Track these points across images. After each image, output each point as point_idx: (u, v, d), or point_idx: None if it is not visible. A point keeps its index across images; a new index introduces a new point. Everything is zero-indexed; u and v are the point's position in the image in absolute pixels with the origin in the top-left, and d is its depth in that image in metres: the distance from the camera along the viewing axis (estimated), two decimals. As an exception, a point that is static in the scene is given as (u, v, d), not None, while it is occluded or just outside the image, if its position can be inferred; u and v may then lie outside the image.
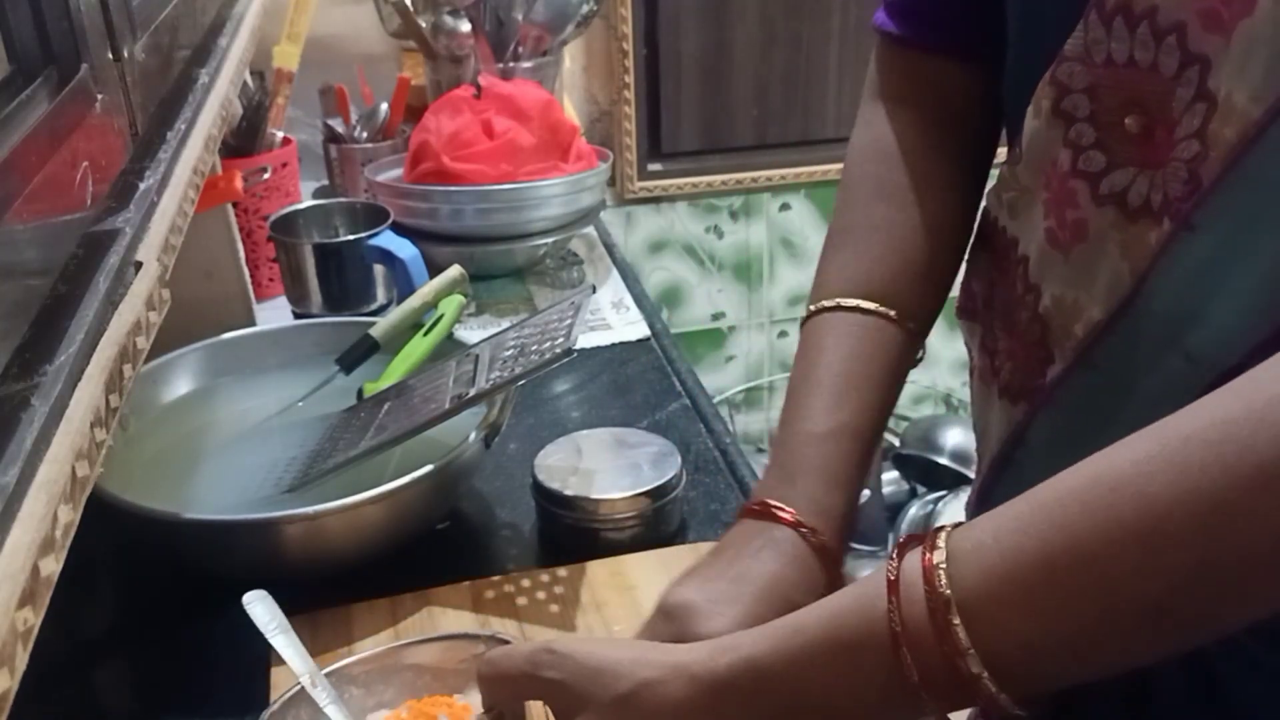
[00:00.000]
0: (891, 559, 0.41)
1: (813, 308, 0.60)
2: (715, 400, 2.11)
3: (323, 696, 0.58)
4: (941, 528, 0.41)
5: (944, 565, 0.39)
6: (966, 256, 0.62)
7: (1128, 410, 0.49)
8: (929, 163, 0.61)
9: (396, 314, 0.96)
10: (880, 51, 0.64)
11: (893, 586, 0.40)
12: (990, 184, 0.56)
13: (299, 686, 0.58)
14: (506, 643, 0.58)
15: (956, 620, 0.38)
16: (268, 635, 0.62)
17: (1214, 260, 0.45)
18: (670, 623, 0.51)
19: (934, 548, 0.40)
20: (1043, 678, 0.39)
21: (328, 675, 0.60)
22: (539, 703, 0.49)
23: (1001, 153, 0.59)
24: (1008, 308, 0.55)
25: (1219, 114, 0.43)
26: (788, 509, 0.54)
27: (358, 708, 0.60)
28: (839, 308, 0.59)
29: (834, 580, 0.54)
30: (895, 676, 0.39)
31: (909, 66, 0.63)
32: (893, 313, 0.58)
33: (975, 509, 0.61)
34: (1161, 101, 0.45)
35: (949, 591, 0.38)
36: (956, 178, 0.62)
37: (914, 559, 0.40)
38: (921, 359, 0.62)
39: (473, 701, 0.59)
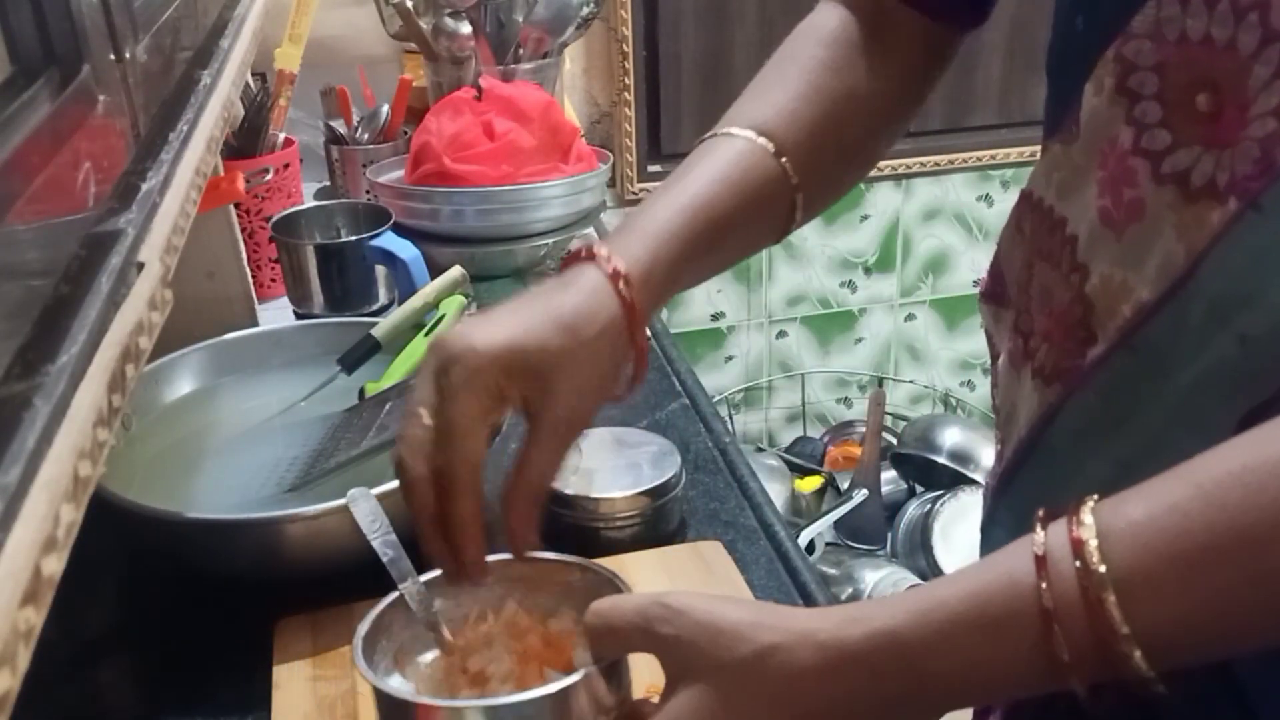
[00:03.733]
0: (1036, 532, 0.40)
1: (705, 136, 0.62)
2: (714, 400, 2.11)
3: (419, 607, 0.57)
4: (1081, 501, 0.40)
5: (1095, 541, 0.38)
6: (998, 241, 0.62)
7: (1165, 394, 0.49)
8: (858, 54, 0.63)
9: (398, 314, 0.96)
10: None
11: (1041, 562, 0.39)
12: (1039, 164, 0.56)
13: (397, 594, 0.58)
14: (609, 580, 0.56)
15: (1112, 599, 0.37)
16: (370, 537, 0.62)
17: (1277, 243, 0.44)
18: (432, 349, 0.53)
19: (1080, 523, 0.39)
20: (1191, 656, 0.38)
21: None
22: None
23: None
24: (1048, 288, 0.55)
25: None
26: (597, 248, 0.55)
27: (445, 617, 0.59)
28: (728, 134, 0.61)
29: (627, 326, 0.55)
30: (1041, 654, 0.38)
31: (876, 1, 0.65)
32: (771, 147, 0.60)
33: (997, 495, 0.61)
34: (1236, 80, 0.45)
35: (1103, 569, 0.38)
36: (879, 86, 0.64)
37: (1059, 534, 0.39)
38: (797, 226, 0.63)
39: (563, 627, 0.58)
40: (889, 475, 2.04)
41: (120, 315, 0.41)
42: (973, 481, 1.93)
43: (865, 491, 1.93)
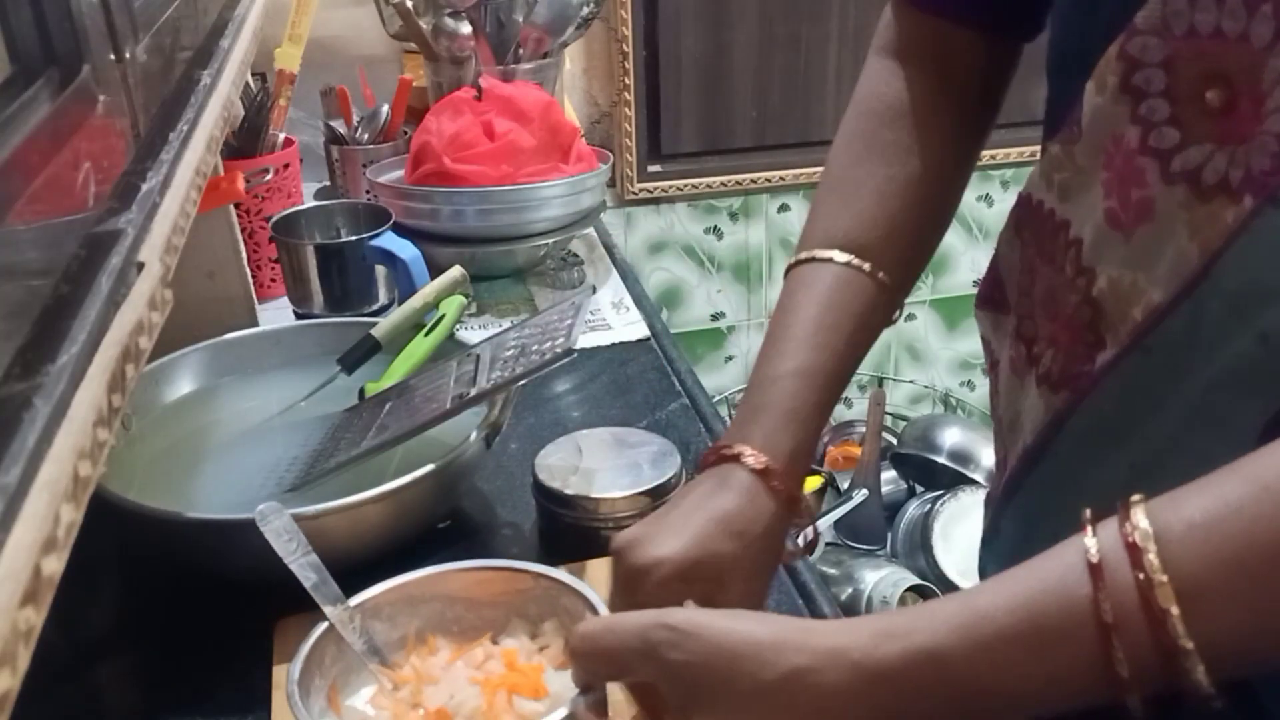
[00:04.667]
0: (1085, 534, 0.37)
1: (792, 260, 0.62)
2: (715, 400, 2.11)
3: (355, 637, 0.53)
4: (1129, 501, 0.37)
5: (1154, 547, 0.36)
6: (996, 246, 0.61)
7: (1181, 395, 0.47)
8: (925, 122, 0.61)
9: (398, 314, 0.96)
10: (895, 7, 0.64)
11: (1096, 571, 0.36)
12: (1037, 166, 0.55)
13: (326, 625, 0.54)
14: (567, 587, 0.53)
15: (1176, 611, 0.35)
16: (287, 560, 0.56)
17: None
18: (619, 562, 0.51)
19: (1134, 525, 0.36)
20: (1252, 667, 0.36)
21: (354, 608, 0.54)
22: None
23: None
24: (1052, 293, 0.54)
25: None
26: (739, 446, 0.54)
27: (381, 642, 0.55)
28: (813, 259, 0.60)
29: (787, 513, 0.54)
30: (1097, 668, 0.36)
31: (921, 28, 0.62)
32: (866, 265, 0.59)
33: (1001, 505, 0.59)
34: (1250, 73, 0.44)
35: (1165, 579, 0.35)
36: (950, 142, 0.62)
37: (1112, 537, 0.37)
38: (898, 318, 0.63)
39: (516, 644, 0.54)
40: (889, 475, 2.04)
41: (120, 315, 0.41)
42: (973, 481, 1.93)
43: (865, 491, 1.93)
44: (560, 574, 0.55)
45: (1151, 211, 0.48)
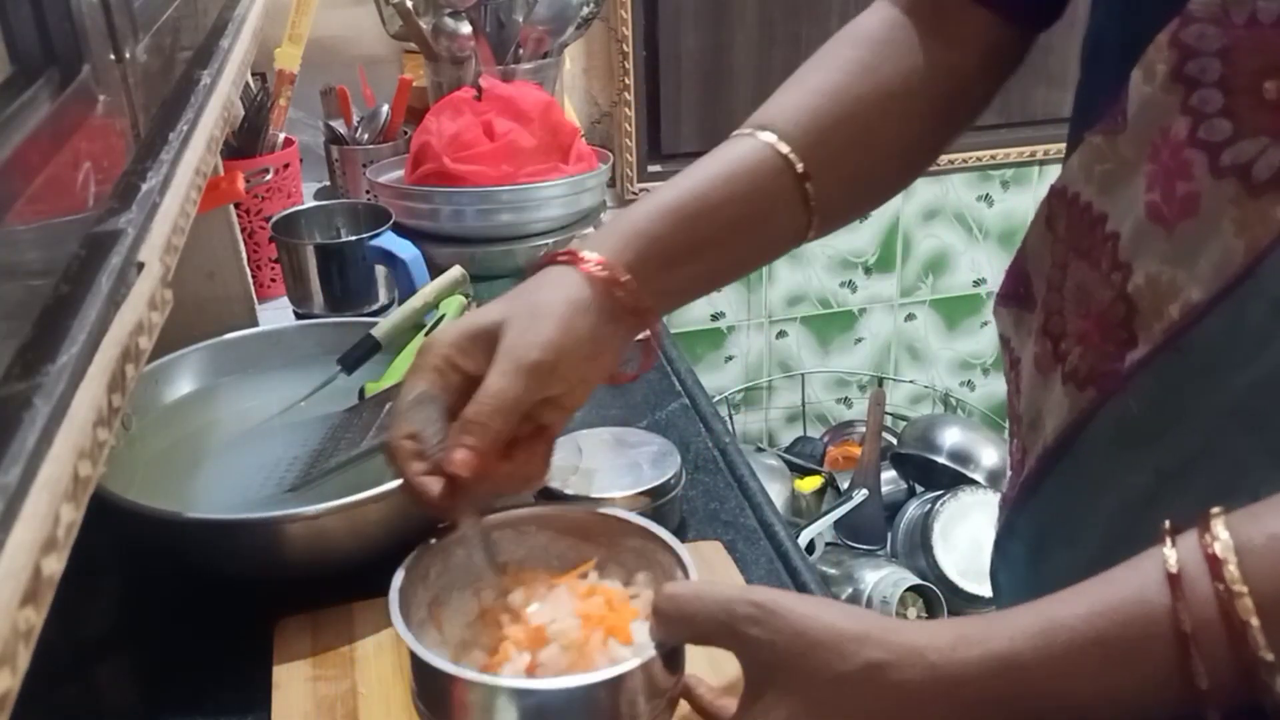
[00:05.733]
0: (1164, 545, 0.37)
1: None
2: (714, 400, 2.11)
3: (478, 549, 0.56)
4: (1209, 513, 0.37)
5: (1235, 559, 0.35)
6: (1024, 240, 0.59)
7: (1216, 399, 0.46)
8: (896, 55, 0.61)
9: (398, 314, 0.96)
10: None
11: (1175, 581, 0.36)
12: (1075, 157, 0.53)
13: (432, 540, 0.56)
14: (670, 550, 0.54)
15: (1255, 623, 0.34)
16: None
17: None
18: (479, 339, 0.53)
19: (1214, 537, 0.36)
20: None
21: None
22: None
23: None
24: (1085, 288, 0.52)
25: None
26: (585, 254, 0.55)
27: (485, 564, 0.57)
28: (736, 135, 0.60)
29: (624, 319, 0.55)
30: (1175, 679, 0.36)
31: None
32: (784, 148, 0.58)
33: (1017, 506, 0.58)
34: None
35: (1245, 590, 0.35)
36: (922, 96, 0.61)
37: (1192, 549, 0.37)
38: (812, 234, 0.61)
39: (612, 586, 0.55)
40: (889, 475, 2.04)
41: (120, 315, 0.41)
42: (973, 481, 1.93)
43: (865, 491, 1.93)
44: (664, 533, 0.56)
45: (1197, 206, 0.46)
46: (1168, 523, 0.38)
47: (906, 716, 0.39)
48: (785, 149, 0.58)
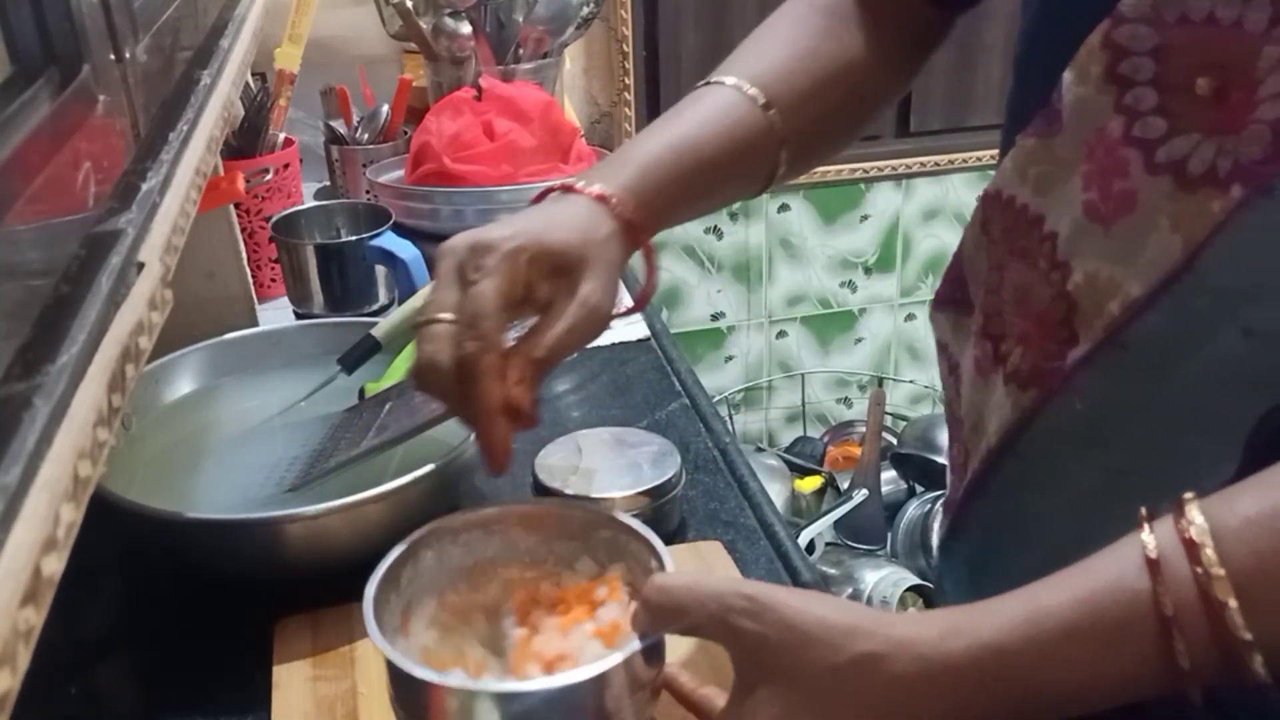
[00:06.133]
0: (1142, 531, 0.38)
1: (697, 85, 0.63)
2: (714, 400, 2.11)
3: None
4: (1183, 499, 0.38)
5: (1209, 542, 0.36)
6: (959, 245, 0.60)
7: (1162, 395, 0.47)
8: (852, 25, 0.63)
9: (398, 314, 0.96)
10: None
11: (1154, 566, 0.37)
12: (1009, 160, 0.54)
13: (405, 546, 0.56)
14: (643, 541, 0.54)
15: (1234, 604, 0.35)
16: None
17: None
18: (459, 245, 0.52)
19: (1189, 521, 0.37)
20: None
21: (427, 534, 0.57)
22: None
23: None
24: (1024, 289, 0.53)
25: None
26: (577, 184, 0.55)
27: (455, 566, 0.57)
28: (713, 83, 0.61)
29: (626, 239, 0.55)
30: (1158, 661, 0.37)
31: None
32: (760, 98, 0.60)
33: (961, 510, 0.59)
34: (1244, 61, 0.43)
35: (1221, 571, 0.36)
36: (871, 62, 0.64)
37: (1168, 534, 0.38)
38: (780, 177, 0.63)
39: (585, 578, 0.55)
40: (889, 475, 2.04)
41: (120, 315, 0.41)
42: (973, 481, 1.93)
43: (865, 491, 1.93)
44: (634, 522, 0.56)
45: (1133, 203, 0.47)
46: (1144, 510, 0.39)
47: (898, 707, 0.40)
48: (770, 108, 0.60)
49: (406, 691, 0.50)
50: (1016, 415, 0.53)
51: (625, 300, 0.60)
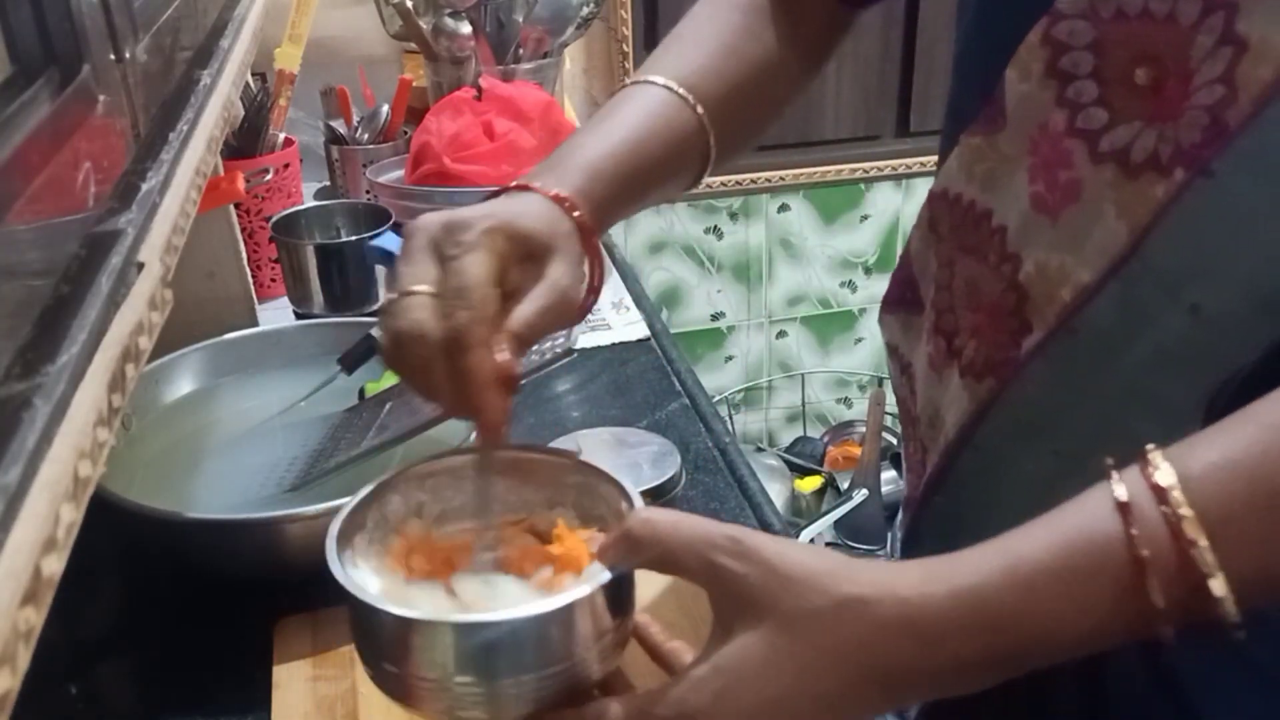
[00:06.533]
0: (1110, 480, 0.39)
1: (624, 83, 0.64)
2: (714, 400, 2.11)
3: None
4: (1145, 450, 0.39)
5: (1177, 484, 0.37)
6: (906, 246, 0.62)
7: (1112, 377, 0.48)
8: (772, 25, 0.65)
9: (397, 314, 0.96)
10: None
11: (1125, 509, 0.38)
12: (954, 160, 0.55)
13: (370, 488, 0.54)
14: (614, 484, 0.53)
15: (1203, 542, 0.36)
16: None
17: (1234, 207, 0.44)
18: (429, 224, 0.51)
19: (1155, 467, 0.38)
20: (1274, 597, 0.38)
21: (390, 481, 0.55)
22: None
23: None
24: (974, 283, 0.55)
25: (1250, 56, 0.43)
26: (532, 184, 0.55)
27: (426, 513, 0.56)
28: (643, 82, 0.62)
29: (584, 239, 0.54)
30: (1132, 602, 0.38)
31: None
32: (688, 96, 0.61)
33: (921, 507, 0.59)
34: (1178, 51, 0.45)
35: (1190, 512, 0.37)
36: (787, 59, 0.66)
37: (1136, 480, 0.38)
38: (708, 173, 0.64)
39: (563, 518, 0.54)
40: (889, 475, 2.04)
41: (120, 315, 0.41)
42: (973, 481, 1.93)
43: (865, 491, 1.93)
44: (604, 467, 0.55)
45: (1079, 192, 0.48)
46: (1109, 460, 0.40)
47: (877, 647, 0.40)
48: (700, 110, 0.61)
49: (365, 626, 0.48)
50: (974, 406, 0.54)
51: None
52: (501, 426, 0.51)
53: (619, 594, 0.48)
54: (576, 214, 0.54)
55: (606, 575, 0.46)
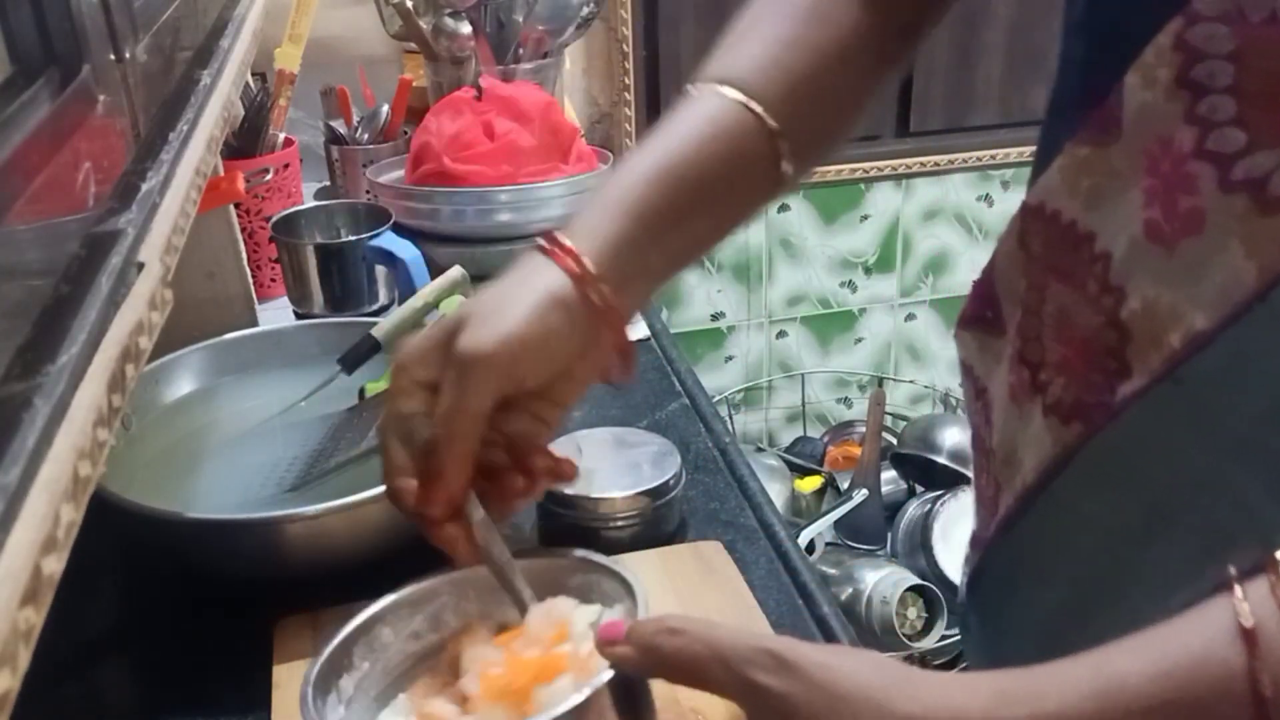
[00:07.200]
0: (1231, 594, 0.34)
1: (685, 88, 0.57)
2: (714, 400, 2.11)
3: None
4: (1275, 558, 0.34)
5: None
6: (991, 261, 0.55)
7: (1216, 431, 0.43)
8: (846, 6, 0.57)
9: (398, 314, 0.96)
10: None
11: (1250, 637, 0.33)
12: (1055, 170, 0.48)
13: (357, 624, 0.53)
14: (618, 578, 0.51)
15: None
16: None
17: None
18: (443, 329, 0.50)
19: None
20: None
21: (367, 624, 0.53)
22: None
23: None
24: (1067, 313, 0.48)
25: None
26: (559, 235, 0.52)
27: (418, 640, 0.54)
28: (698, 87, 0.56)
29: (601, 321, 0.51)
30: None
31: None
32: (756, 106, 0.54)
33: (993, 547, 0.54)
34: None
35: None
36: (867, 45, 0.58)
37: (1264, 599, 0.33)
38: (787, 173, 0.56)
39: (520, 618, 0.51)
40: (889, 475, 2.04)
41: (120, 315, 0.41)
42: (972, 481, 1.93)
43: (865, 491, 1.93)
44: (608, 560, 0.53)
45: (1201, 223, 0.42)
46: (1232, 569, 0.35)
47: None
48: (757, 107, 0.54)
49: None
50: (1057, 451, 0.49)
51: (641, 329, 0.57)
52: (457, 554, 0.51)
53: (636, 699, 0.45)
54: (593, 295, 0.51)
55: (607, 673, 0.43)
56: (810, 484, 2.06)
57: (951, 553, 1.82)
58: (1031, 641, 0.52)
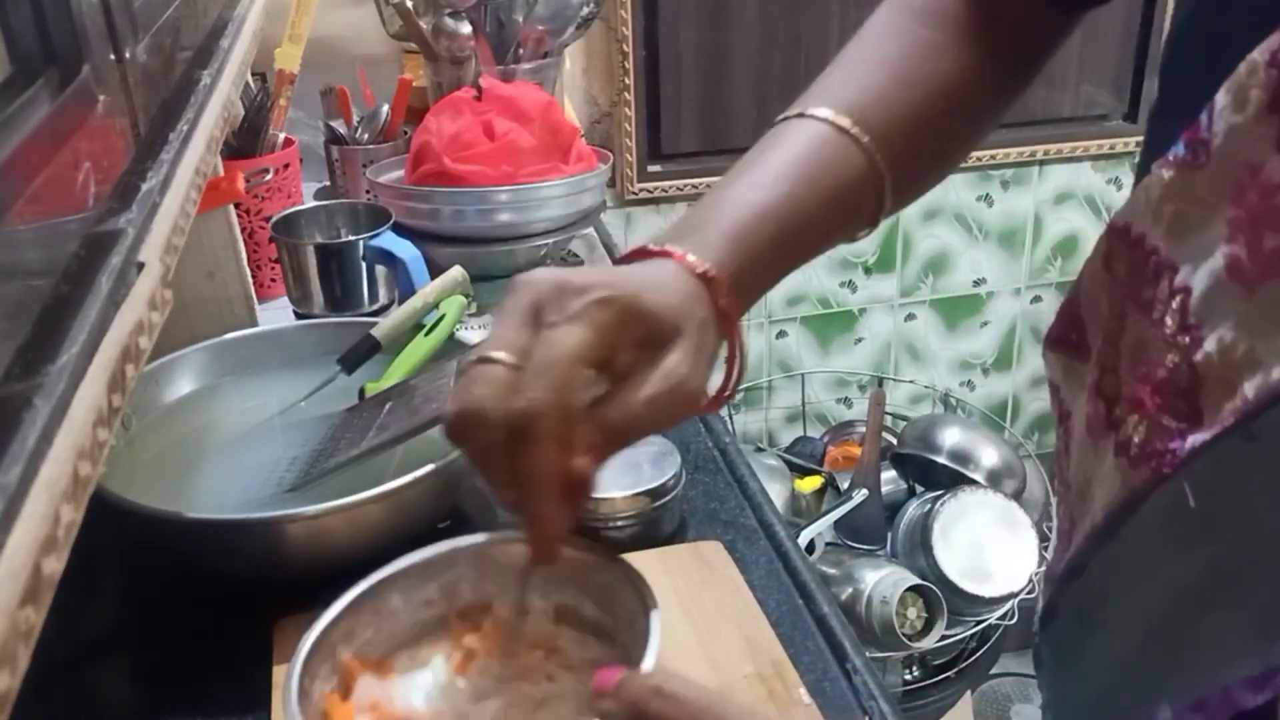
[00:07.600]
0: None
1: (779, 118, 0.54)
2: (716, 401, 2.11)
3: None
4: None
5: None
6: (1079, 279, 0.52)
7: None
8: (963, 33, 0.55)
9: (398, 314, 0.96)
10: None
11: None
12: (1141, 190, 0.45)
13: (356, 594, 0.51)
14: (628, 580, 0.49)
15: None
16: None
17: None
18: (529, 283, 0.45)
19: None
20: None
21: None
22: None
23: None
24: (1144, 347, 0.45)
25: None
26: (670, 247, 0.48)
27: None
28: (803, 115, 0.53)
29: (725, 326, 0.48)
30: None
31: None
32: (864, 137, 0.52)
33: (1062, 584, 0.52)
34: None
35: None
36: (986, 70, 0.55)
37: None
38: (884, 216, 0.55)
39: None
40: (889, 475, 2.04)
41: (120, 315, 0.41)
42: (973, 481, 1.93)
43: (865, 491, 1.93)
44: (624, 566, 0.52)
45: None
46: None
47: None
48: (868, 143, 0.52)
49: None
50: (1125, 494, 0.46)
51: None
52: (554, 542, 0.46)
53: None
54: (721, 299, 0.47)
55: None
56: (810, 484, 2.06)
57: (951, 553, 1.82)
58: (1096, 690, 0.50)
